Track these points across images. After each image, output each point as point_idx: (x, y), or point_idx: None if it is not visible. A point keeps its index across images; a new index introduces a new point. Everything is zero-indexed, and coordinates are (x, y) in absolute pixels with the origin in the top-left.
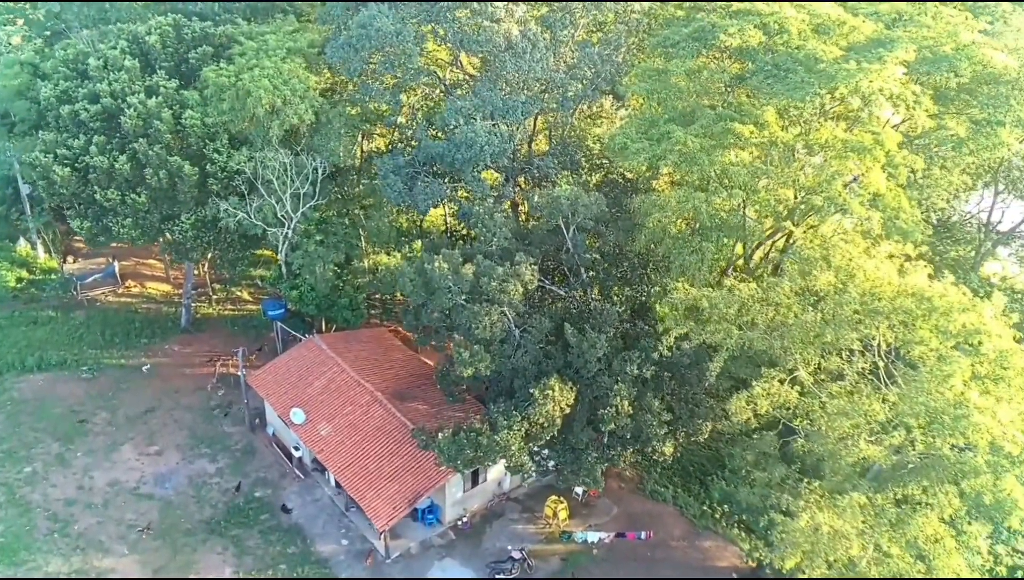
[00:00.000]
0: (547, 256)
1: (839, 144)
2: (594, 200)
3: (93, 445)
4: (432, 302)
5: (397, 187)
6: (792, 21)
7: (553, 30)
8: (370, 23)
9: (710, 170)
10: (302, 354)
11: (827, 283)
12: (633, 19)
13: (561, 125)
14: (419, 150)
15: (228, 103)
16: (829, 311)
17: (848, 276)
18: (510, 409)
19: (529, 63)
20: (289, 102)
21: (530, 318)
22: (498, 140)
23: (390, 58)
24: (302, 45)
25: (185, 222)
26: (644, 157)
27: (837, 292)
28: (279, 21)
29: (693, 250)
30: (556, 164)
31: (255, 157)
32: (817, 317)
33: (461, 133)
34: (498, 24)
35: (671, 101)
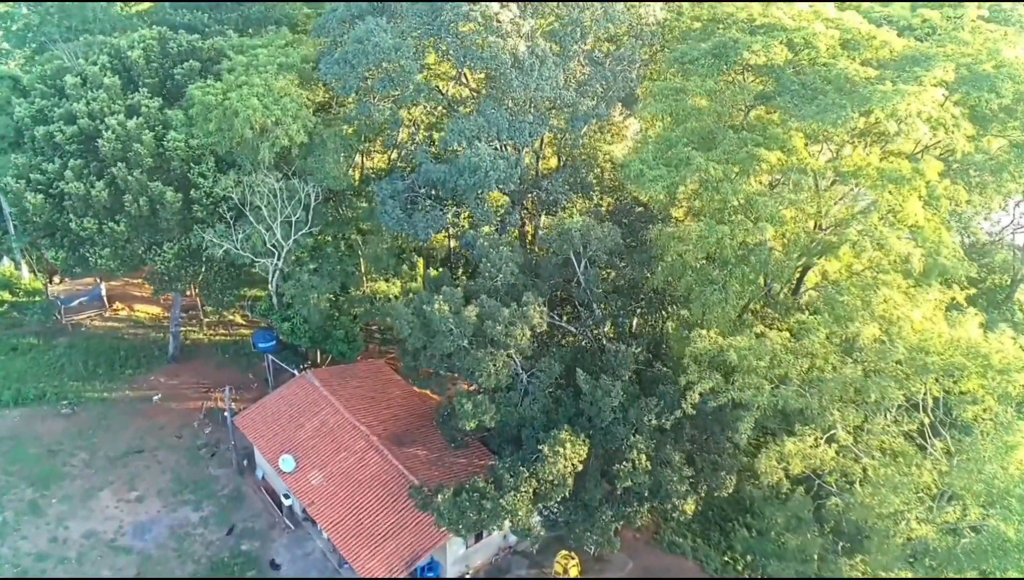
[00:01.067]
0: (556, 288)
1: (874, 172)
2: (608, 232)
3: (70, 490)
4: (432, 346)
5: (395, 214)
6: (821, 37)
7: (563, 44)
8: (367, 38)
9: (734, 200)
10: (293, 392)
11: (871, 337)
12: (647, 32)
13: (570, 144)
14: (419, 174)
15: (214, 123)
16: (871, 364)
17: (892, 325)
18: (517, 464)
19: (537, 81)
20: (280, 122)
21: (538, 361)
22: (504, 164)
23: (388, 75)
24: (295, 60)
25: (168, 252)
26: (662, 185)
27: (881, 345)
28: (271, 34)
29: (716, 289)
30: (566, 187)
31: (243, 181)
32: (858, 371)
33: (464, 157)
34: (504, 39)
35: (689, 122)
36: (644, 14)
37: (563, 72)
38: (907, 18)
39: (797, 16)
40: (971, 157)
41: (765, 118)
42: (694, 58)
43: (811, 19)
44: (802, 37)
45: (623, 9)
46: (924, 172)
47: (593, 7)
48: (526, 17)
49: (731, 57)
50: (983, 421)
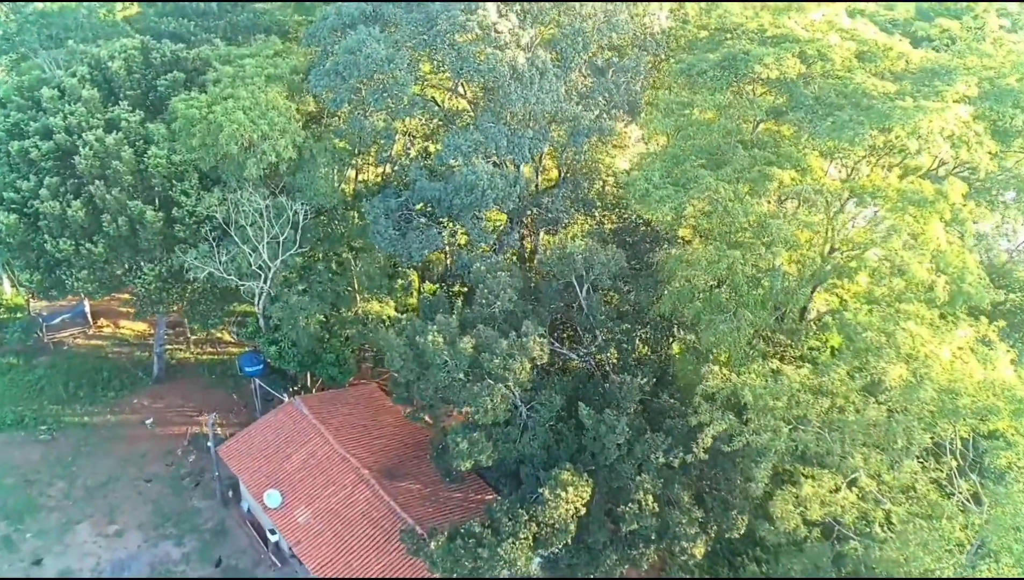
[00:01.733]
0: (557, 312)
1: (894, 194)
2: (612, 256)
3: (46, 523)
4: (425, 379)
5: (388, 233)
6: (836, 50)
7: (563, 55)
8: (359, 48)
9: (745, 221)
10: (280, 420)
11: (898, 378)
12: (651, 41)
13: (571, 159)
14: (413, 191)
15: (198, 138)
16: (896, 404)
17: (919, 363)
18: (515, 506)
19: (537, 94)
20: (267, 137)
21: (538, 393)
22: (502, 183)
23: (381, 87)
24: (284, 71)
25: (148, 273)
26: (669, 206)
27: (907, 386)
28: (259, 43)
29: (727, 317)
30: (567, 204)
31: (228, 199)
32: (882, 412)
33: (460, 175)
34: (502, 51)
35: (698, 139)
36: (649, 23)
37: (564, 84)
38: (925, 28)
39: (810, 27)
40: (994, 175)
41: (776, 133)
42: (702, 70)
43: (825, 30)
44: (816, 49)
45: (627, 19)
46: (948, 194)
47: (596, 16)
48: (526, 27)
49: (741, 70)
50: (1017, 469)
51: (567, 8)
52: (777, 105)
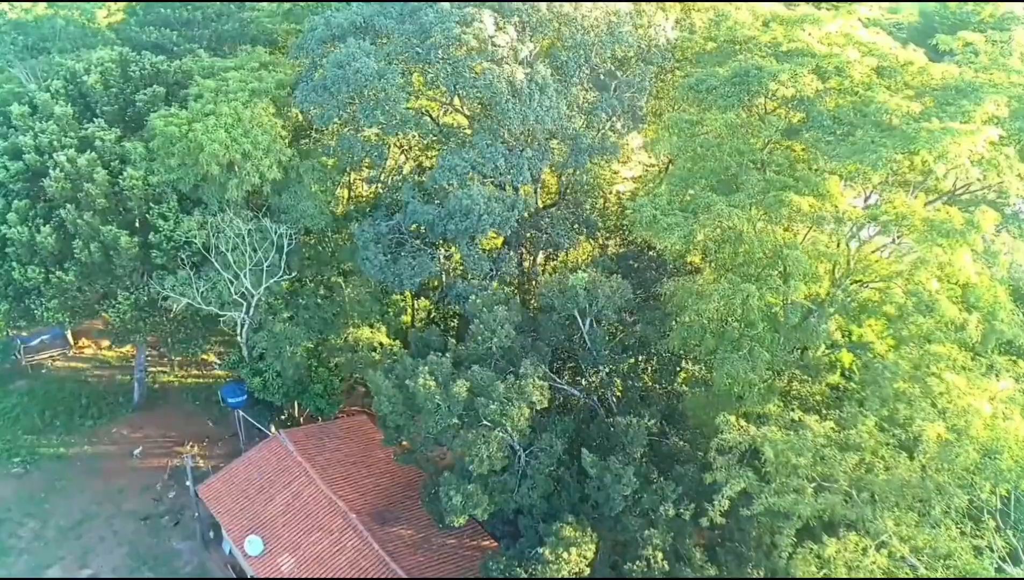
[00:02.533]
0: (558, 344)
1: (920, 223)
2: (617, 289)
3: (15, 568)
4: (416, 424)
5: (377, 261)
6: (855, 66)
7: (564, 69)
8: (348, 62)
9: (760, 251)
10: (264, 457)
11: (936, 436)
12: (657, 53)
13: (572, 178)
14: (405, 215)
15: (177, 158)
16: (931, 463)
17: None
18: (512, 564)
19: (536, 111)
20: (250, 157)
21: (538, 436)
22: (499, 207)
23: (371, 104)
24: (269, 85)
25: (123, 302)
26: (679, 235)
27: (944, 444)
28: (245, 54)
29: (742, 356)
30: (568, 227)
31: (209, 223)
32: (916, 470)
33: (455, 198)
34: (500, 66)
35: (707, 160)
36: (654, 35)
37: (565, 99)
38: (947, 42)
39: (826, 40)
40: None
41: (790, 151)
42: (711, 87)
43: (842, 43)
44: (834, 65)
45: (631, 30)
46: (979, 224)
47: (598, 28)
48: (524, 40)
49: (753, 86)
50: None
51: (568, 20)
52: (792, 124)
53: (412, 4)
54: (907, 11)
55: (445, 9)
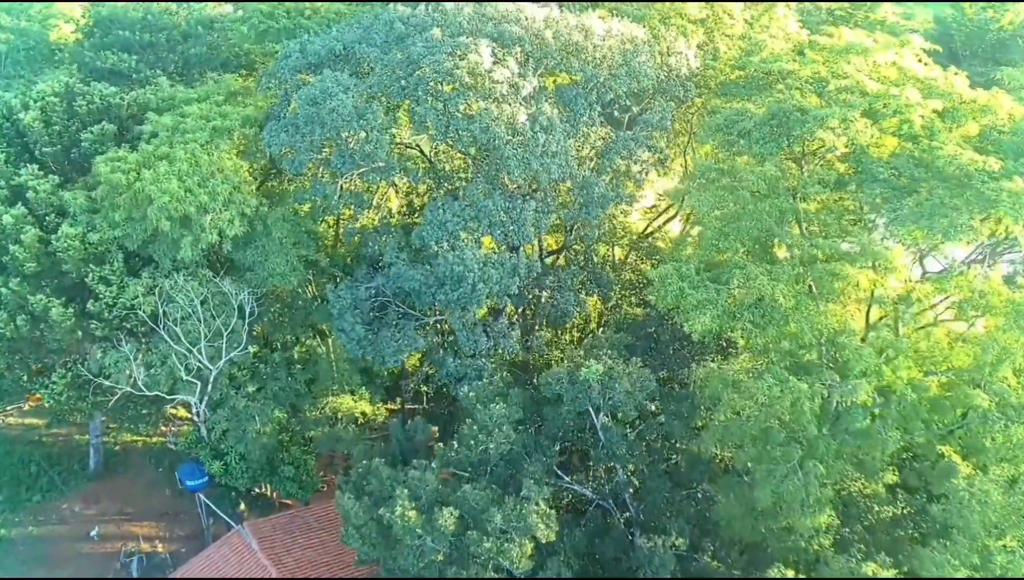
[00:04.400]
0: (567, 438)
1: (1004, 305)
2: (638, 380)
3: None
4: (394, 558)
5: (355, 332)
6: (914, 109)
7: (573, 107)
8: (322, 99)
9: (810, 335)
10: (224, 556)
11: None
12: (677, 85)
13: (581, 230)
14: (388, 278)
15: (123, 211)
16: None
17: None
18: None
19: (541, 159)
20: (208, 210)
21: (543, 564)
22: (497, 273)
23: (349, 148)
24: (234, 123)
25: (58, 382)
26: (711, 315)
27: None
28: (212, 82)
29: (792, 471)
30: (577, 287)
31: (160, 285)
32: None
33: (445, 262)
34: (498, 105)
35: (744, 220)
36: (675, 64)
37: (574, 140)
38: (1016, 77)
39: (875, 72)
40: None
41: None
42: (745, 130)
43: (895, 76)
44: (894, 110)
45: (647, 60)
46: None
47: (612, 58)
48: (527, 73)
49: (795, 131)
50: None
51: (577, 50)
52: (841, 174)
53: (399, 29)
54: (921, 17)
55: (436, 38)
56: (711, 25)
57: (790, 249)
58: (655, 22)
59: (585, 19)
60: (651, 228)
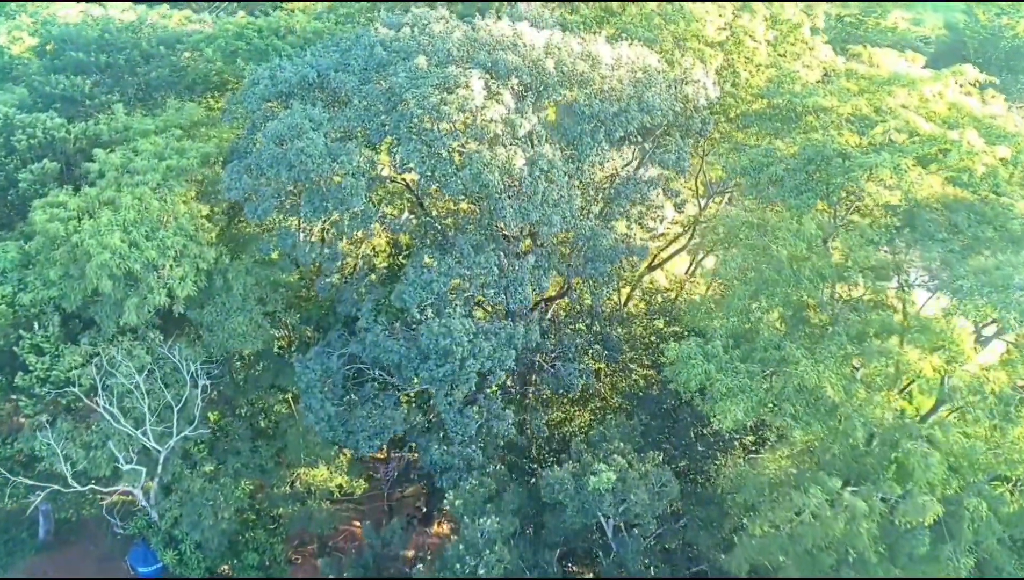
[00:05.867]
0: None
1: None
2: (658, 485)
3: None
4: None
5: (324, 411)
6: (977, 157)
7: (578, 146)
8: (290, 136)
9: (861, 432)
10: None
11: None
12: (696, 119)
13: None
14: (364, 346)
15: (59, 268)
16: None
17: None
18: None
19: (541, 209)
20: (156, 267)
21: None
22: (491, 344)
23: (319, 194)
24: (192, 161)
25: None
26: (744, 408)
27: None
28: (173, 111)
29: None
30: (581, 353)
31: (100, 355)
32: None
33: (429, 331)
34: (492, 147)
35: (779, 285)
36: (692, 94)
37: (578, 181)
38: None
39: (922, 108)
40: None
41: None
42: (776, 176)
43: (947, 113)
44: (957, 158)
45: (662, 92)
46: None
47: (621, 89)
48: (526, 108)
49: (836, 180)
50: None
51: (583, 81)
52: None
53: (380, 55)
54: (931, 23)
55: (421, 68)
56: (731, 48)
57: (834, 319)
58: (668, 44)
59: (591, 45)
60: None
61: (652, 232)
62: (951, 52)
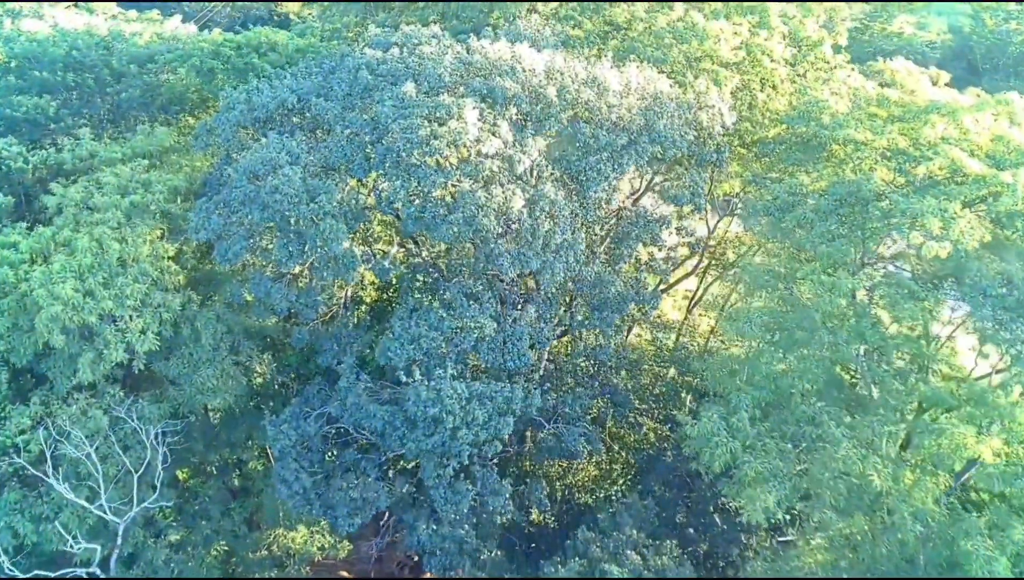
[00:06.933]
0: None
1: None
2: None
3: None
4: None
5: (300, 484)
6: None
7: (583, 180)
8: (264, 170)
9: (911, 531)
10: None
11: None
12: (710, 150)
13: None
14: (345, 410)
15: (7, 318)
16: None
17: None
18: None
19: (542, 256)
20: (115, 318)
21: None
22: (486, 411)
23: (297, 236)
24: (158, 197)
25: None
26: (775, 496)
27: None
28: (143, 136)
29: None
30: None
31: (53, 414)
32: None
33: (415, 397)
34: (487, 187)
35: (813, 349)
36: (706, 121)
37: (582, 221)
38: None
39: (963, 139)
40: None
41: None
42: (805, 219)
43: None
44: (1012, 203)
45: (676, 121)
46: None
47: (629, 119)
48: (525, 140)
49: (872, 224)
50: None
51: (588, 109)
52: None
53: (365, 79)
54: (935, 28)
55: (409, 96)
56: (747, 68)
57: (881, 388)
58: (680, 65)
59: (597, 69)
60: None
61: (664, 274)
62: (957, 57)
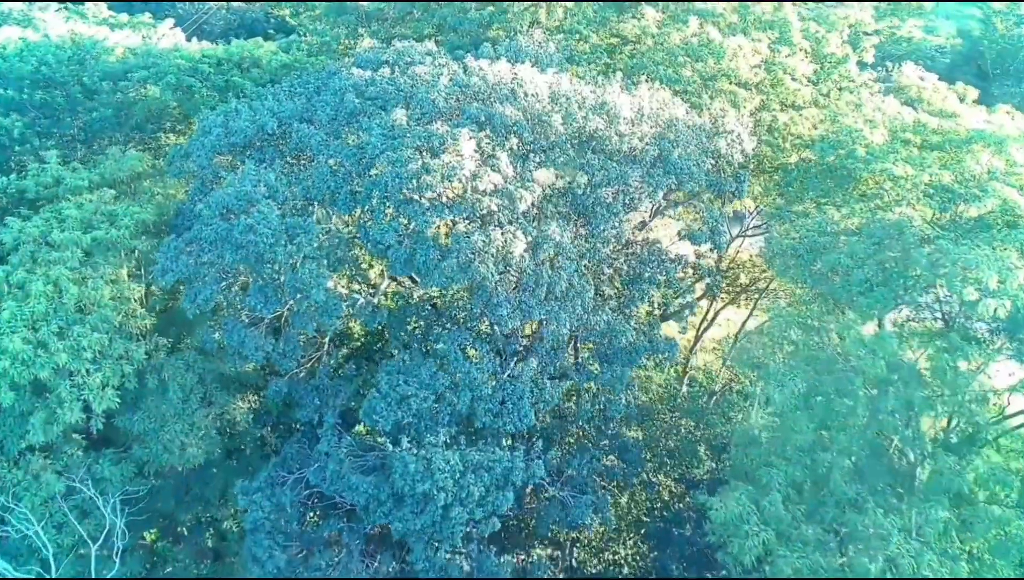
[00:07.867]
0: None
1: None
2: None
3: None
4: None
5: (272, 563)
6: None
7: (591, 217)
8: (239, 207)
9: None
10: None
11: None
12: (727, 180)
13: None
14: (326, 479)
15: None
16: None
17: None
18: None
19: (545, 305)
20: (71, 373)
21: None
22: (482, 484)
23: (273, 280)
24: (124, 230)
25: None
26: None
27: None
28: (112, 160)
29: None
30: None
31: (1, 479)
32: None
33: (404, 471)
34: (486, 230)
35: (853, 419)
36: (725, 149)
37: (589, 263)
38: None
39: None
40: None
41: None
42: (842, 266)
43: None
44: None
45: (690, 150)
46: None
47: (642, 149)
48: (526, 173)
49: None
50: None
51: (597, 138)
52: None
53: (352, 103)
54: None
55: (399, 123)
56: (767, 88)
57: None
58: (695, 85)
59: (607, 93)
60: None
61: (681, 322)
62: (966, 62)
